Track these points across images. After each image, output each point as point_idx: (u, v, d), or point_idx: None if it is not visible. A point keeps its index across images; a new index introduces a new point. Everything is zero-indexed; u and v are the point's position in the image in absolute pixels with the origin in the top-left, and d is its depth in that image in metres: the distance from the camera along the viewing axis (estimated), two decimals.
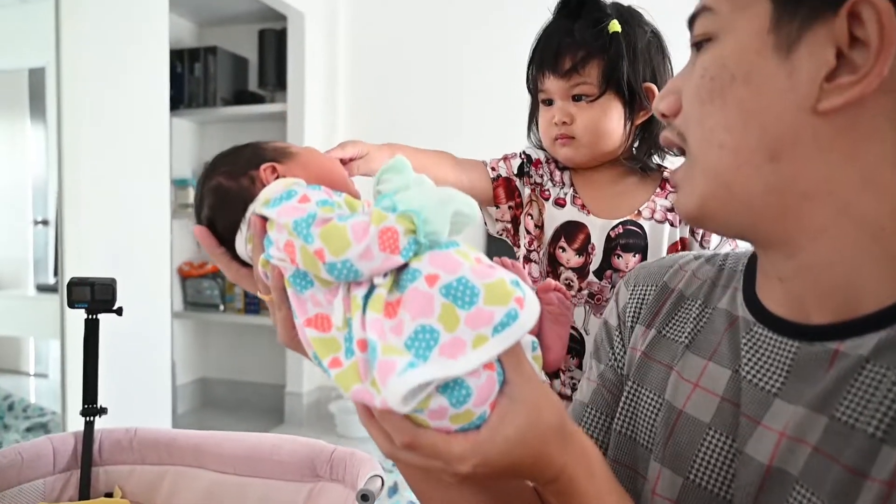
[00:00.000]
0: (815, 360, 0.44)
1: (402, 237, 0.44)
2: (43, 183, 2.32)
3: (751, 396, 0.47)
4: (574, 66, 0.85)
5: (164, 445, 0.88)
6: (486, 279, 0.43)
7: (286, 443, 0.83)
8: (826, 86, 0.40)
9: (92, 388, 0.89)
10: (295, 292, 0.48)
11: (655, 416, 0.55)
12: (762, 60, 0.42)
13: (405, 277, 0.44)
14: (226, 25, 3.29)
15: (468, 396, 0.42)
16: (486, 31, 2.88)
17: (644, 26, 0.89)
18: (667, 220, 0.90)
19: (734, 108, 0.43)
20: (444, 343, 0.42)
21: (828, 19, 0.39)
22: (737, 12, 0.44)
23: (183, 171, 3.24)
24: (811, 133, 0.41)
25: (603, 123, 0.87)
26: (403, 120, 2.97)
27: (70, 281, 0.86)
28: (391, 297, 0.44)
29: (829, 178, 0.42)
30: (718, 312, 0.54)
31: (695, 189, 0.47)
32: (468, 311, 0.42)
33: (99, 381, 0.89)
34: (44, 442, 0.86)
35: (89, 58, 1.94)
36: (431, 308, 0.42)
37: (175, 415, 3.02)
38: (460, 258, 0.44)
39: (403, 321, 0.43)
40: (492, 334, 0.42)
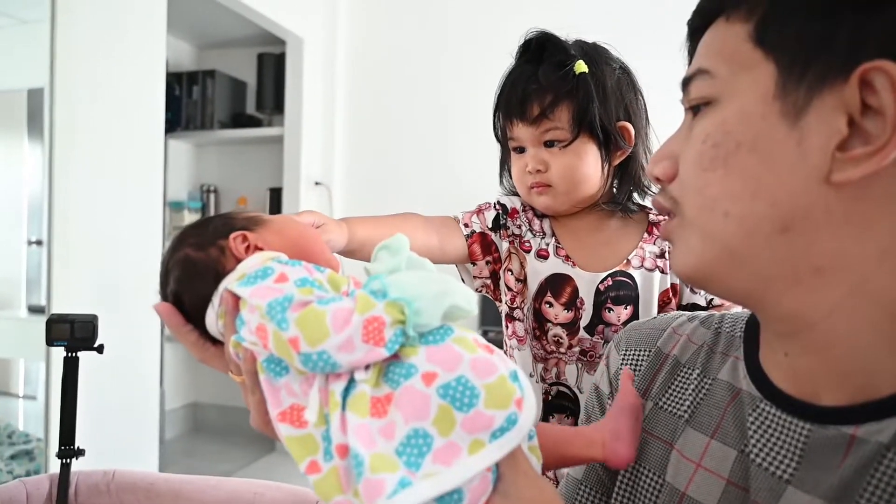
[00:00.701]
0: (829, 446, 0.41)
1: (389, 328, 0.39)
2: (38, 203, 2.30)
3: (761, 482, 0.44)
4: (543, 112, 0.81)
5: (143, 490, 0.85)
6: (486, 378, 0.39)
7: (269, 490, 0.80)
8: (839, 155, 0.37)
9: (69, 429, 0.85)
10: (268, 379, 0.44)
11: (656, 498, 0.51)
12: (769, 127, 0.39)
13: (398, 372, 0.40)
14: (225, 49, 3.31)
15: (460, 501, 0.39)
16: (484, 56, 2.89)
17: (612, 63, 0.85)
18: (657, 267, 0.86)
19: (739, 177, 0.41)
20: (438, 448, 0.38)
21: (837, 85, 0.37)
22: (738, 76, 0.41)
23: (179, 194, 3.23)
24: (823, 205, 0.38)
25: (579, 168, 0.83)
26: (401, 144, 2.97)
27: (49, 318, 0.83)
28: (378, 393, 0.40)
29: (843, 253, 0.39)
30: (719, 384, 0.50)
31: (692, 250, 0.44)
32: (466, 414, 0.39)
33: (84, 407, 0.86)
34: (17, 486, 0.82)
35: (84, 79, 1.93)
36: (427, 410, 0.39)
37: (164, 441, 2.97)
38: (460, 350, 0.41)
39: (395, 423, 0.39)
40: (489, 440, 0.39)
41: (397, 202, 2.99)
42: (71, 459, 0.85)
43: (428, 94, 3.00)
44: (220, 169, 3.32)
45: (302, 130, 2.92)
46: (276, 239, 0.54)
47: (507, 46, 0.89)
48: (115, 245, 2.07)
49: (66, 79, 1.88)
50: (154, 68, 2.20)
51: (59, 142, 1.87)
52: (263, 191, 3.15)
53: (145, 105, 2.17)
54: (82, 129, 1.94)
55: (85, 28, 1.93)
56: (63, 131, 1.88)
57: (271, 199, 3.11)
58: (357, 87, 3.12)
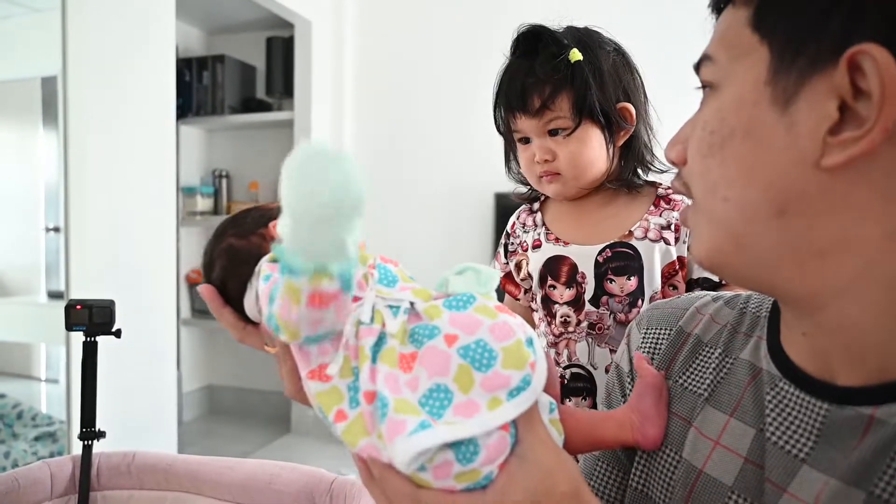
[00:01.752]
0: (847, 426, 0.41)
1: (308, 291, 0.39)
2: (55, 190, 2.33)
3: (776, 460, 0.44)
4: (544, 104, 0.82)
5: (162, 471, 0.87)
6: (504, 341, 0.43)
7: (285, 471, 0.82)
8: (830, 140, 0.37)
9: (90, 412, 0.87)
10: (298, 344, 0.46)
11: (672, 474, 0.51)
12: (760, 114, 0.40)
13: (422, 332, 0.44)
14: (234, 33, 3.30)
15: (476, 454, 0.41)
16: (494, 38, 2.86)
17: (605, 46, 0.86)
18: (662, 238, 0.86)
19: (734, 163, 0.41)
20: (458, 403, 0.42)
21: (827, 70, 0.37)
22: (736, 62, 0.41)
23: (191, 179, 3.25)
24: (818, 189, 0.38)
25: (585, 154, 0.85)
26: (410, 127, 2.96)
27: (68, 304, 0.85)
28: (405, 350, 0.43)
29: (847, 236, 0.39)
30: (740, 363, 0.50)
31: (703, 238, 0.45)
32: (485, 373, 0.42)
33: (103, 390, 0.88)
34: (41, 467, 0.85)
35: (96, 66, 1.94)
36: (448, 368, 0.42)
37: (182, 422, 3.02)
38: (481, 317, 0.44)
39: (420, 378, 0.42)
40: (507, 398, 0.42)
41: (407, 186, 2.99)
42: (92, 441, 0.87)
43: (438, 76, 2.98)
44: (231, 154, 3.34)
45: (311, 114, 2.92)
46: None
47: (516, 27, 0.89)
48: (130, 231, 2.10)
49: (78, 66, 1.89)
50: (164, 54, 2.21)
51: (73, 129, 1.89)
52: (275, 175, 3.14)
53: (156, 91, 2.18)
54: (95, 116, 1.95)
55: (95, 15, 1.93)
56: (76, 119, 1.89)
57: None
58: (366, 70, 3.11)
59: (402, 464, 0.40)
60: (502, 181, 1.06)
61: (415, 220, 2.93)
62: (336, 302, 0.41)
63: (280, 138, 3.15)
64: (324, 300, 0.40)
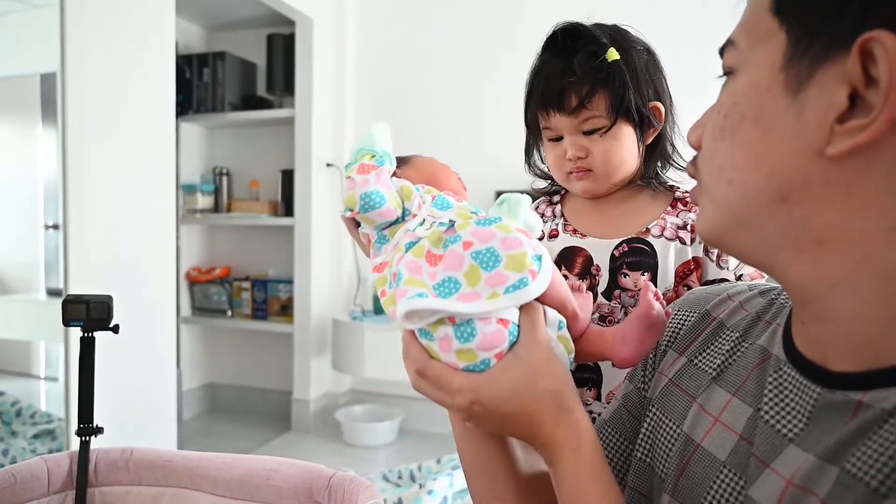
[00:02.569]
0: (836, 410, 0.41)
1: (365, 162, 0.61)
2: (54, 187, 2.33)
3: (764, 437, 0.45)
4: (581, 102, 0.83)
5: (161, 467, 0.86)
6: (510, 250, 0.52)
7: (283, 467, 0.81)
8: (837, 128, 0.37)
9: (87, 408, 0.87)
10: (375, 249, 0.62)
11: (672, 446, 0.54)
12: (771, 100, 0.40)
13: (449, 240, 0.55)
14: (234, 30, 3.30)
15: (472, 336, 0.51)
16: (496, 36, 2.86)
17: (636, 45, 0.87)
18: (677, 237, 0.87)
19: (742, 147, 0.42)
20: (464, 293, 0.51)
21: (840, 57, 0.37)
22: (755, 47, 0.42)
23: (191, 177, 3.25)
24: (821, 177, 0.39)
25: (619, 153, 0.85)
26: (412, 125, 2.95)
27: (65, 299, 0.84)
28: (436, 251, 0.55)
29: (847, 227, 0.39)
30: (754, 348, 0.52)
31: (706, 215, 0.47)
32: (489, 272, 0.52)
33: (102, 388, 0.88)
34: (38, 462, 0.84)
35: (95, 63, 1.94)
36: (461, 265, 0.53)
37: (181, 421, 3.02)
38: (497, 231, 0.54)
39: (438, 271, 0.54)
40: (503, 293, 0.51)
41: None
42: (90, 437, 0.86)
43: (439, 74, 2.98)
44: (232, 151, 3.33)
45: (312, 112, 2.92)
46: (414, 173, 0.69)
47: (519, 27, 0.89)
48: (129, 228, 2.09)
49: (76, 63, 1.88)
50: (164, 51, 2.20)
51: (72, 126, 1.88)
52: (275, 172, 3.16)
53: (156, 88, 2.17)
54: (94, 113, 1.95)
55: (94, 12, 1.93)
56: (75, 116, 1.89)
57: (283, 181, 3.11)
58: (367, 67, 3.10)
59: (399, 318, 0.52)
60: (503, 178, 1.06)
61: None
62: (375, 170, 0.59)
63: (281, 136, 3.14)
64: (365, 168, 0.60)
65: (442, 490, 1.92)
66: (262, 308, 3.16)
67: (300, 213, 2.96)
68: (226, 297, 3.20)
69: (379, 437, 2.83)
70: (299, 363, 3.01)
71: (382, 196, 0.59)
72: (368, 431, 2.83)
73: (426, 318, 0.52)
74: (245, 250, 3.33)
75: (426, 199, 0.61)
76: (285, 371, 3.14)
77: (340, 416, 2.90)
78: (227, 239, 3.36)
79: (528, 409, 0.51)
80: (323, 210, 3.03)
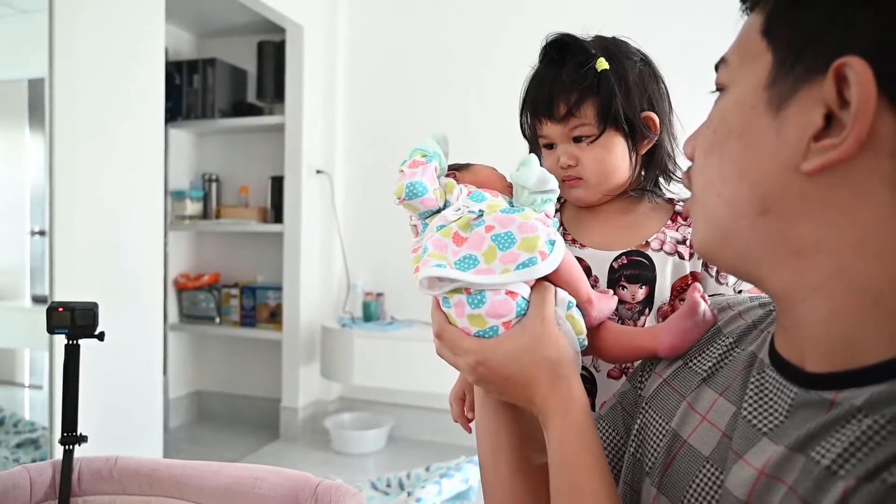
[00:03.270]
0: (811, 408, 0.44)
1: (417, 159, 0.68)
2: (41, 193, 2.31)
3: (741, 432, 0.48)
4: (569, 110, 0.84)
5: (145, 476, 0.85)
6: (525, 234, 0.60)
7: (270, 475, 0.81)
8: (813, 145, 0.40)
9: (71, 416, 0.86)
10: (418, 236, 0.69)
11: (660, 441, 0.56)
12: (755, 117, 0.43)
13: (476, 224, 0.62)
14: (225, 37, 3.29)
15: (482, 303, 0.59)
16: (487, 44, 2.88)
17: (632, 56, 0.88)
18: (676, 252, 0.87)
19: (729, 162, 0.45)
20: (480, 269, 0.59)
21: (819, 80, 0.39)
22: (744, 65, 0.44)
23: (181, 183, 3.23)
24: (798, 192, 0.41)
25: (608, 161, 0.86)
26: (402, 132, 2.96)
27: (50, 306, 0.84)
28: (463, 234, 0.62)
29: (822, 238, 0.41)
30: (745, 354, 0.54)
31: (698, 229, 0.50)
32: (504, 252, 0.59)
33: (88, 396, 0.87)
34: (20, 472, 0.83)
35: (83, 68, 1.93)
36: (481, 246, 0.60)
37: (167, 429, 2.99)
38: (517, 217, 0.61)
39: (462, 250, 0.61)
40: (514, 269, 0.58)
41: None
42: (74, 446, 0.85)
43: (429, 81, 2.99)
44: (221, 158, 3.32)
45: (303, 119, 2.92)
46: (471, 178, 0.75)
47: (509, 36, 0.90)
48: (117, 234, 2.08)
49: (65, 69, 1.87)
50: (154, 57, 2.19)
51: (60, 132, 1.87)
52: (265, 179, 3.15)
53: (145, 94, 2.16)
54: (83, 119, 1.93)
55: (84, 17, 1.92)
56: (63, 121, 1.87)
57: (273, 188, 3.10)
58: (358, 75, 3.11)
59: (419, 284, 0.61)
60: None
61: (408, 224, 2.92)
62: (423, 165, 0.66)
63: (271, 143, 3.14)
64: (416, 163, 0.67)
65: (430, 498, 1.91)
66: (250, 315, 3.14)
67: (290, 219, 2.96)
68: (214, 304, 3.18)
69: (368, 445, 2.82)
70: (288, 371, 2.99)
71: (425, 186, 0.65)
72: (357, 439, 2.82)
73: (444, 287, 0.60)
74: (234, 257, 3.31)
75: (464, 193, 0.68)
76: (274, 379, 3.12)
77: (329, 424, 2.88)
78: (216, 245, 3.34)
79: (527, 374, 0.56)
80: (313, 217, 3.02)
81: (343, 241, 3.10)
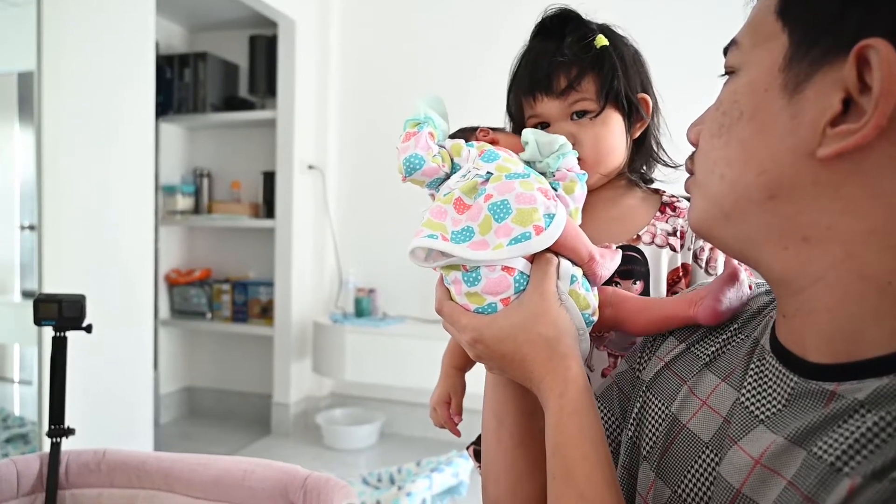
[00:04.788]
0: (810, 399, 0.43)
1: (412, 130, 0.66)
2: (30, 187, 2.29)
3: (738, 418, 0.47)
4: (570, 84, 0.81)
5: (134, 468, 0.85)
6: (522, 205, 0.56)
7: (259, 468, 0.81)
8: (829, 131, 0.38)
9: (58, 409, 0.85)
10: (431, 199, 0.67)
11: (658, 425, 0.56)
12: (769, 99, 0.42)
13: (479, 192, 0.59)
14: (216, 31, 3.27)
15: (477, 281, 0.57)
16: (479, 37, 2.87)
17: (624, 39, 0.87)
18: (668, 244, 0.86)
19: (737, 144, 0.44)
20: (476, 241, 0.56)
21: (838, 62, 0.37)
22: (757, 47, 0.43)
23: (172, 178, 3.22)
24: (811, 178, 0.40)
25: (609, 138, 0.84)
26: (395, 128, 2.94)
27: (37, 298, 0.83)
28: (467, 200, 0.59)
29: (831, 226, 0.40)
30: (749, 340, 0.53)
31: (697, 207, 0.49)
32: (499, 224, 0.56)
33: (77, 390, 0.86)
34: (7, 464, 0.83)
35: (73, 62, 1.91)
36: (479, 216, 0.57)
37: (158, 425, 2.98)
38: (518, 186, 0.58)
39: (463, 219, 0.58)
40: (507, 244, 0.55)
41: (390, 186, 2.98)
42: (61, 438, 0.85)
43: (422, 76, 2.98)
44: (213, 152, 3.30)
45: (295, 114, 2.90)
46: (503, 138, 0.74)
47: (502, 29, 0.90)
48: (107, 229, 2.06)
49: (54, 62, 1.85)
50: (144, 51, 2.18)
51: (49, 126, 1.85)
52: (257, 174, 3.14)
53: (136, 88, 2.15)
54: (72, 112, 1.92)
55: (73, 10, 1.90)
56: (52, 115, 1.86)
57: (264, 183, 3.09)
58: (350, 70, 3.10)
59: (410, 252, 0.58)
60: None
61: (399, 219, 2.92)
62: (414, 136, 0.65)
63: (262, 137, 3.12)
64: (408, 136, 0.66)
65: (420, 492, 1.91)
66: (242, 311, 3.13)
67: (281, 215, 2.95)
68: (205, 300, 3.16)
69: (359, 440, 2.82)
70: (279, 366, 2.98)
71: (421, 157, 0.63)
72: (349, 435, 2.82)
73: (438, 260, 0.58)
74: (225, 252, 3.30)
75: (473, 153, 0.64)
76: (265, 374, 3.11)
77: (321, 420, 2.88)
78: (208, 241, 3.33)
79: (522, 352, 0.54)
80: (304, 212, 3.01)
81: (335, 236, 3.10)
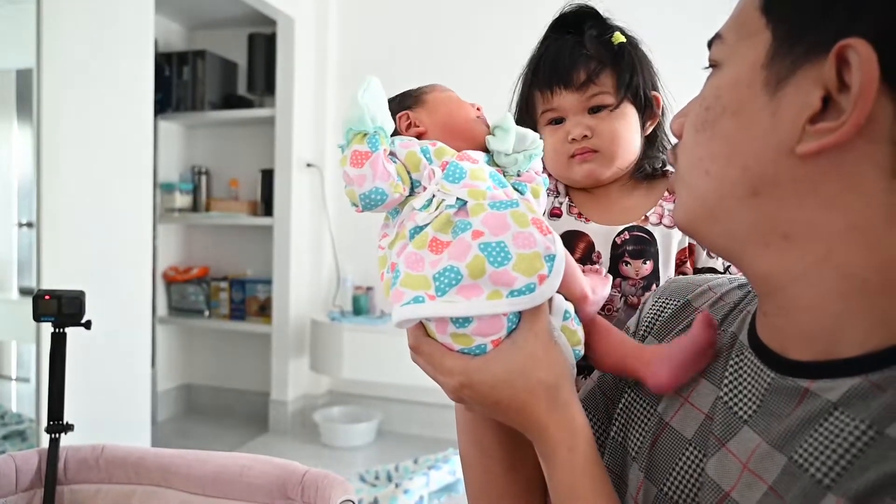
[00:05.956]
0: (784, 394, 0.43)
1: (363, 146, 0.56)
2: (29, 184, 2.29)
3: (722, 417, 0.47)
4: (589, 77, 0.83)
5: (132, 464, 0.86)
6: (522, 249, 0.51)
7: (257, 463, 0.81)
8: (808, 128, 0.38)
9: (57, 405, 0.86)
10: (386, 223, 0.59)
11: (645, 425, 0.55)
12: (751, 96, 0.41)
13: (460, 226, 0.52)
14: (215, 29, 3.27)
15: (468, 322, 0.50)
16: (477, 37, 2.88)
17: (636, 40, 0.89)
18: (675, 224, 0.87)
19: (721, 141, 0.43)
20: (465, 285, 0.50)
21: (819, 60, 0.38)
22: (740, 42, 0.43)
23: (170, 175, 3.22)
24: (790, 175, 0.40)
25: (626, 132, 0.85)
26: None
27: (36, 293, 0.83)
28: (443, 237, 0.52)
29: (811, 223, 0.40)
30: (727, 335, 0.53)
31: (682, 205, 0.48)
32: (496, 269, 0.50)
33: (75, 388, 0.87)
34: (6, 460, 0.83)
35: (72, 59, 1.91)
36: (465, 255, 0.50)
37: (156, 422, 2.98)
38: (511, 222, 0.52)
39: (442, 259, 0.51)
40: (506, 295, 0.50)
41: None
42: (60, 434, 0.85)
43: (421, 75, 2.98)
44: (211, 150, 3.30)
45: (293, 111, 2.90)
46: (428, 118, 0.65)
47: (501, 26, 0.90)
48: (106, 227, 2.06)
49: (53, 59, 1.85)
50: (143, 49, 2.18)
51: (47, 123, 1.85)
52: (255, 172, 3.14)
53: (134, 86, 2.15)
54: (71, 110, 1.92)
55: (72, 8, 1.90)
56: (51, 112, 1.86)
57: (263, 181, 3.09)
58: (348, 67, 3.10)
59: (395, 324, 0.52)
60: None
61: None
62: (368, 159, 0.54)
63: (261, 135, 3.12)
64: (358, 158, 0.55)
65: (418, 490, 1.92)
66: (240, 308, 3.13)
67: (279, 213, 2.95)
68: (203, 298, 3.17)
69: (357, 438, 2.82)
70: (277, 364, 2.99)
71: (383, 192, 0.55)
72: (346, 433, 2.82)
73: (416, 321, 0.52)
74: (223, 250, 3.30)
75: (436, 170, 0.56)
76: (263, 372, 3.11)
77: (318, 418, 2.88)
78: (206, 238, 3.33)
79: (520, 400, 0.50)
80: (302, 210, 3.01)
81: (333, 234, 3.10)
